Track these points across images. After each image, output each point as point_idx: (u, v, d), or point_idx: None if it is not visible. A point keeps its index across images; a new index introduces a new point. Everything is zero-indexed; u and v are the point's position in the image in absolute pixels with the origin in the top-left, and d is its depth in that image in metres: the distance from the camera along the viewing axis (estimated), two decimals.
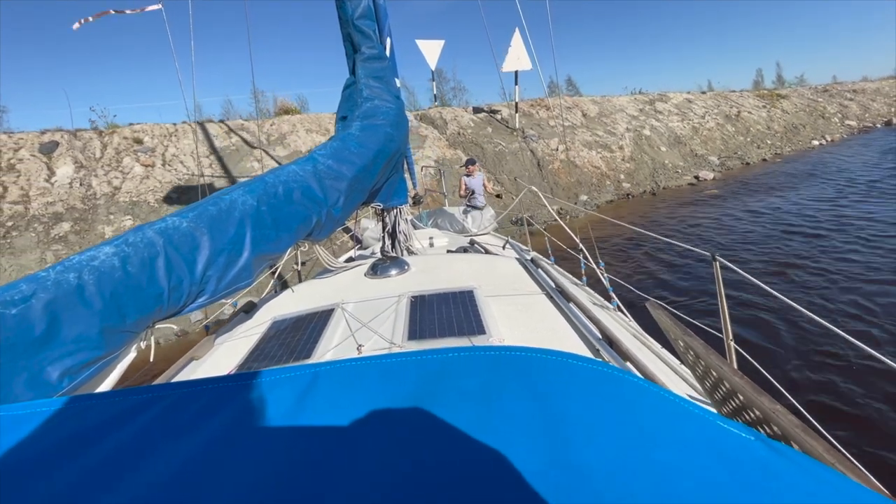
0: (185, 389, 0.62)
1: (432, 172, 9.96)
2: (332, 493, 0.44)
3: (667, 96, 17.90)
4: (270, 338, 1.74)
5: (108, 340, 1.09)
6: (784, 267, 5.56)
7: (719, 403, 0.90)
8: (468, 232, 4.40)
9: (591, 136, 13.25)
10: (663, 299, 4.30)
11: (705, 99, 18.93)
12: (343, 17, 2.37)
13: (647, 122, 15.23)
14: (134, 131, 8.72)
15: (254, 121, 10.02)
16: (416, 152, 10.37)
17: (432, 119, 12.17)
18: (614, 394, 0.54)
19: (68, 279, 1.03)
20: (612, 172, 12.38)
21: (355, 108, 2.24)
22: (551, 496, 0.41)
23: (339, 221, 1.87)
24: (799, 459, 0.44)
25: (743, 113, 18.42)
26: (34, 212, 6.69)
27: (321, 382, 0.61)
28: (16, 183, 6.98)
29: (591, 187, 11.60)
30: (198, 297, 1.32)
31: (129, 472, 0.48)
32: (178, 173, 8.16)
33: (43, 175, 7.26)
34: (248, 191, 1.47)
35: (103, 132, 8.49)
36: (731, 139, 16.51)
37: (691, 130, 15.85)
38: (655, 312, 1.42)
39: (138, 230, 1.22)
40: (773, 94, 21.66)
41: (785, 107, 20.46)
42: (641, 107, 16.36)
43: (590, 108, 14.95)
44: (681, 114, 16.72)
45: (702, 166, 13.89)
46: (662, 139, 14.66)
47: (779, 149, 16.65)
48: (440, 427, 0.51)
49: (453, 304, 1.78)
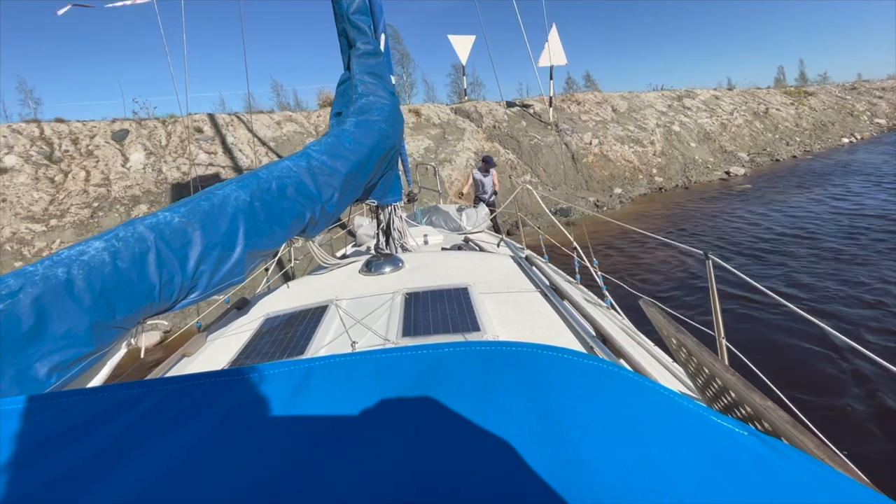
0: (175, 384, 0.62)
1: (472, 163, 10.30)
2: (326, 487, 0.44)
3: (694, 92, 17.97)
4: (263, 334, 1.73)
5: (97, 336, 1.07)
6: (832, 261, 5.71)
7: (711, 400, 0.90)
8: (463, 230, 4.43)
9: (622, 131, 13.46)
10: (658, 297, 4.29)
11: (732, 95, 18.94)
12: (338, 12, 2.36)
13: (675, 117, 15.37)
14: (194, 121, 9.20)
15: (302, 112, 10.46)
16: (455, 144, 10.72)
17: (468, 112, 12.49)
18: (608, 389, 0.55)
19: (57, 274, 1.02)
20: (645, 167, 12.59)
21: (350, 104, 2.21)
22: (546, 491, 0.42)
23: (333, 218, 1.86)
24: (791, 454, 0.45)
25: (771, 110, 18.42)
26: (115, 194, 7.19)
27: (315, 377, 0.61)
28: (96, 167, 7.49)
29: (625, 181, 11.85)
30: (189, 292, 1.31)
31: (117, 467, 0.48)
32: (237, 160, 8.63)
33: (119, 160, 7.76)
34: (241, 186, 1.46)
35: (166, 121, 8.98)
36: (759, 136, 16.56)
37: (720, 127, 15.95)
38: (648, 310, 1.43)
39: (129, 225, 1.22)
40: (800, 92, 21.54)
41: (813, 104, 20.36)
42: (669, 103, 16.48)
43: (619, 104, 15.13)
44: (709, 110, 16.81)
45: (732, 162, 14.01)
46: (692, 135, 14.80)
47: (808, 146, 16.66)
48: (434, 422, 0.51)
49: (448, 301, 1.77)
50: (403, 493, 0.42)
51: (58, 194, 6.89)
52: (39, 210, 6.61)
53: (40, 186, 6.89)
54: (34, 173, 7.01)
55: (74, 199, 6.88)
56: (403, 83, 22.41)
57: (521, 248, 3.11)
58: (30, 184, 6.85)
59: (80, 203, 6.86)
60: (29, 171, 7.00)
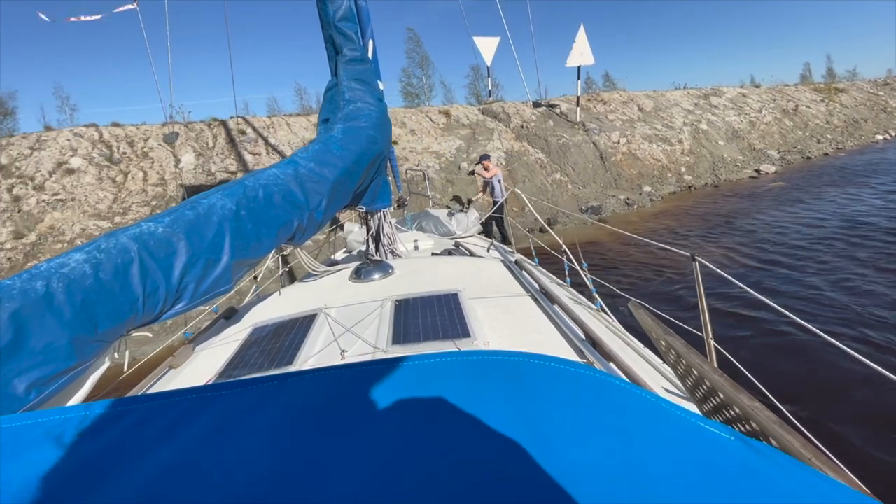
0: (156, 402, 0.61)
1: (503, 163, 10.48)
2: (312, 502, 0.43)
3: (720, 91, 17.80)
4: (251, 344, 1.71)
5: (78, 350, 1.05)
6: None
7: (700, 401, 0.91)
8: (453, 234, 4.44)
9: (650, 130, 13.47)
10: (649, 299, 4.03)
11: (760, 93, 18.69)
12: (324, 20, 2.35)
13: (703, 116, 15.28)
14: (237, 123, 9.62)
15: None
16: (486, 144, 10.92)
17: (495, 113, 12.68)
18: (596, 396, 0.55)
19: (35, 287, 1.00)
20: (673, 165, 12.59)
21: (338, 111, 2.21)
22: (534, 499, 0.42)
23: (321, 225, 1.84)
24: (777, 458, 0.45)
25: (800, 107, 18.12)
26: (171, 193, 7.61)
27: (302, 391, 0.60)
28: (152, 168, 7.93)
29: (654, 179, 11.88)
30: (175, 304, 1.29)
31: (95, 488, 0.47)
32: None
33: (171, 161, 8.20)
34: (227, 195, 1.44)
35: (211, 124, 9.42)
36: (789, 133, 16.33)
37: (748, 125, 15.79)
38: (637, 313, 1.42)
39: (111, 236, 1.19)
40: (830, 88, 21.10)
41: (844, 101, 19.93)
42: (696, 101, 16.38)
43: (645, 103, 15.12)
44: (736, 108, 16.64)
45: (761, 160, 13.88)
46: (720, 133, 14.70)
47: (840, 143, 16.35)
48: (423, 433, 0.51)
49: (438, 308, 1.75)
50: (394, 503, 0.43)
51: (120, 193, 7.34)
52: (104, 208, 7.06)
53: (104, 186, 7.35)
54: (98, 174, 7.48)
55: (135, 198, 7.31)
56: (423, 85, 22.74)
57: (512, 251, 3.14)
58: (95, 183, 7.32)
59: (139, 201, 7.29)
60: (93, 171, 7.47)
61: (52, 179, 7.18)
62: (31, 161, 7.32)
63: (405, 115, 11.32)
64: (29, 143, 7.60)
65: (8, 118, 14.22)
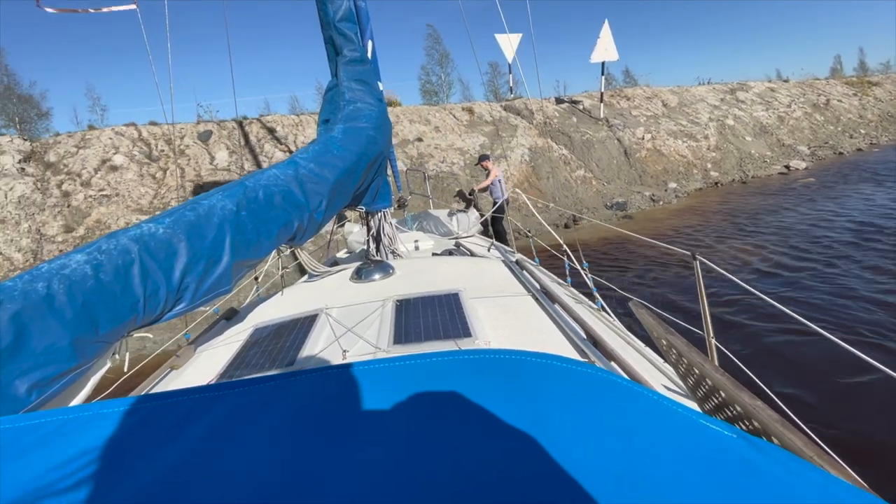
0: (158, 402, 0.61)
1: (527, 159, 10.52)
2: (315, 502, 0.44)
3: (747, 85, 17.41)
4: (252, 345, 1.71)
5: (80, 351, 1.05)
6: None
7: (702, 400, 0.90)
8: (453, 234, 4.43)
9: (675, 126, 13.30)
10: (651, 298, 4.17)
11: (789, 87, 18.20)
12: (324, 20, 2.36)
13: (729, 111, 14.99)
14: (266, 122, 9.88)
15: None
16: (510, 140, 10.97)
17: (518, 110, 12.70)
18: (599, 395, 0.55)
19: (36, 289, 1.01)
20: (699, 161, 12.42)
21: (338, 111, 2.22)
22: (538, 497, 0.42)
23: (321, 226, 1.84)
24: (779, 456, 0.45)
25: (832, 101, 17.59)
26: (208, 190, 7.90)
27: (303, 391, 0.61)
28: (188, 164, 8.24)
29: (679, 175, 11.74)
30: (175, 304, 1.29)
31: (97, 489, 0.47)
32: None
33: (207, 158, 8.49)
34: (227, 196, 1.45)
35: (242, 122, 9.70)
36: (820, 128, 15.89)
37: (777, 120, 15.42)
38: (638, 312, 1.42)
39: (112, 237, 1.20)
40: (863, 82, 20.41)
41: (878, 94, 19.26)
42: (722, 96, 16.06)
43: (669, 99, 14.91)
44: (764, 103, 16.26)
45: (791, 156, 13.56)
46: (747, 129, 14.41)
47: (874, 138, 15.84)
48: (425, 432, 0.51)
49: (439, 308, 1.75)
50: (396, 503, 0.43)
51: (160, 189, 7.66)
52: (146, 203, 7.38)
53: (145, 182, 7.67)
54: (139, 170, 7.81)
55: (174, 194, 7.62)
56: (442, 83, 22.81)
57: (512, 251, 3.14)
58: (136, 180, 7.65)
59: (178, 197, 7.59)
60: (135, 168, 7.80)
61: (98, 176, 7.53)
62: (78, 158, 7.68)
63: (429, 112, 11.43)
64: (74, 142, 7.98)
65: (43, 119, 14.83)
